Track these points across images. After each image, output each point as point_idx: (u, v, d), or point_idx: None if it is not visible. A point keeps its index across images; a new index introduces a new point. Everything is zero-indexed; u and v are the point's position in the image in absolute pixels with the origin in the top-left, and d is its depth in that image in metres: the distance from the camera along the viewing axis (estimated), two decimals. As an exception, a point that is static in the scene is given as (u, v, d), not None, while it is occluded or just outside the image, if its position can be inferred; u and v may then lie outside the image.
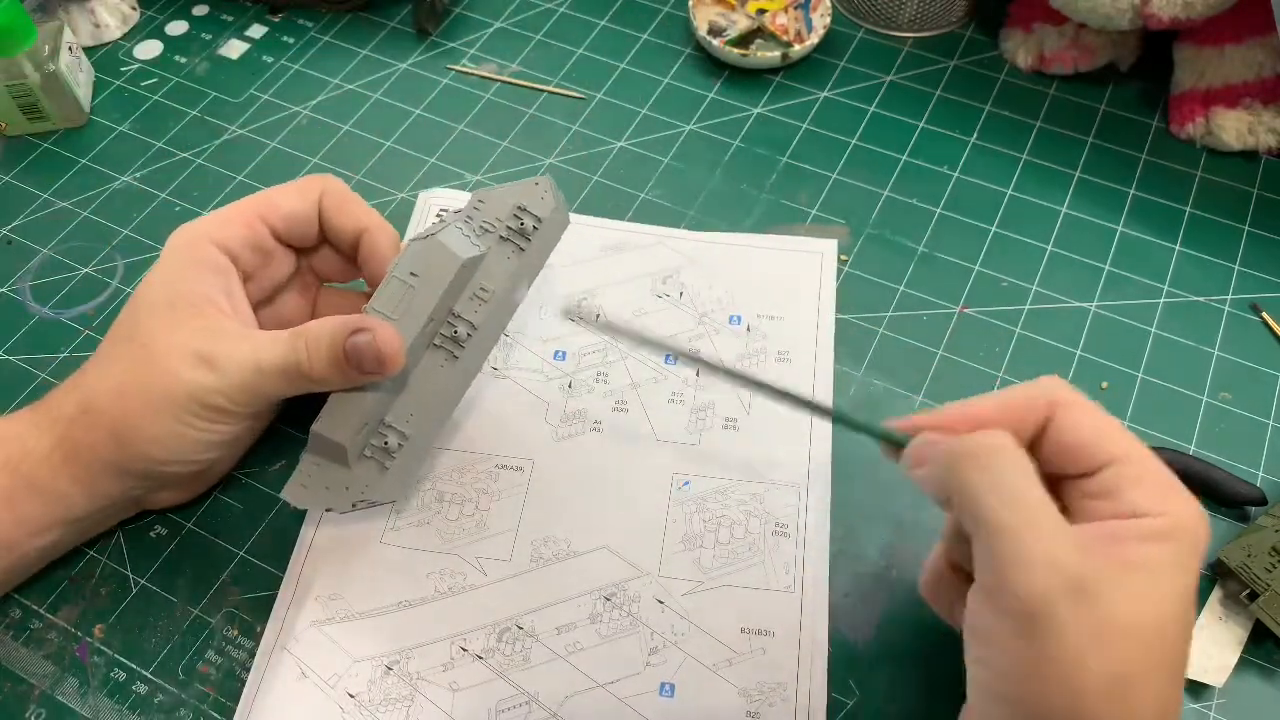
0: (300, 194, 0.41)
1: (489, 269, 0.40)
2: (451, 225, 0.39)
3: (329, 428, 0.38)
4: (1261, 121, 0.53)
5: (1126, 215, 0.53)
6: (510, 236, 0.40)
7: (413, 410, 0.39)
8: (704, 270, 0.50)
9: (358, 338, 0.36)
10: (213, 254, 0.38)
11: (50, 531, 0.38)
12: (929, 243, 0.52)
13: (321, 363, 0.36)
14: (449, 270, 0.38)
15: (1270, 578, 0.38)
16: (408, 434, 0.39)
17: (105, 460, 0.37)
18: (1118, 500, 0.29)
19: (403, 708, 0.38)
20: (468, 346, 0.39)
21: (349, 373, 0.36)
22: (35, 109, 0.56)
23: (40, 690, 0.39)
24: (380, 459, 0.39)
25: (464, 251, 0.38)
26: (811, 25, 0.60)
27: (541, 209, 0.40)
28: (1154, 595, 0.27)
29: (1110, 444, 0.30)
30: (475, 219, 0.40)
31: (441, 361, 0.39)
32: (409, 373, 0.39)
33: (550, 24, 0.63)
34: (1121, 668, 0.26)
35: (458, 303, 0.39)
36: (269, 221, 0.40)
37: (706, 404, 0.45)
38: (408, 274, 0.38)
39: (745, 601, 0.40)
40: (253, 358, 0.36)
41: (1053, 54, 0.58)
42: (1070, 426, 0.31)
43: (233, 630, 0.40)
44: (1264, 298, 0.49)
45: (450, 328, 0.39)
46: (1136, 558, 0.28)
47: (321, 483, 0.39)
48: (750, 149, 0.56)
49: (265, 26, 0.63)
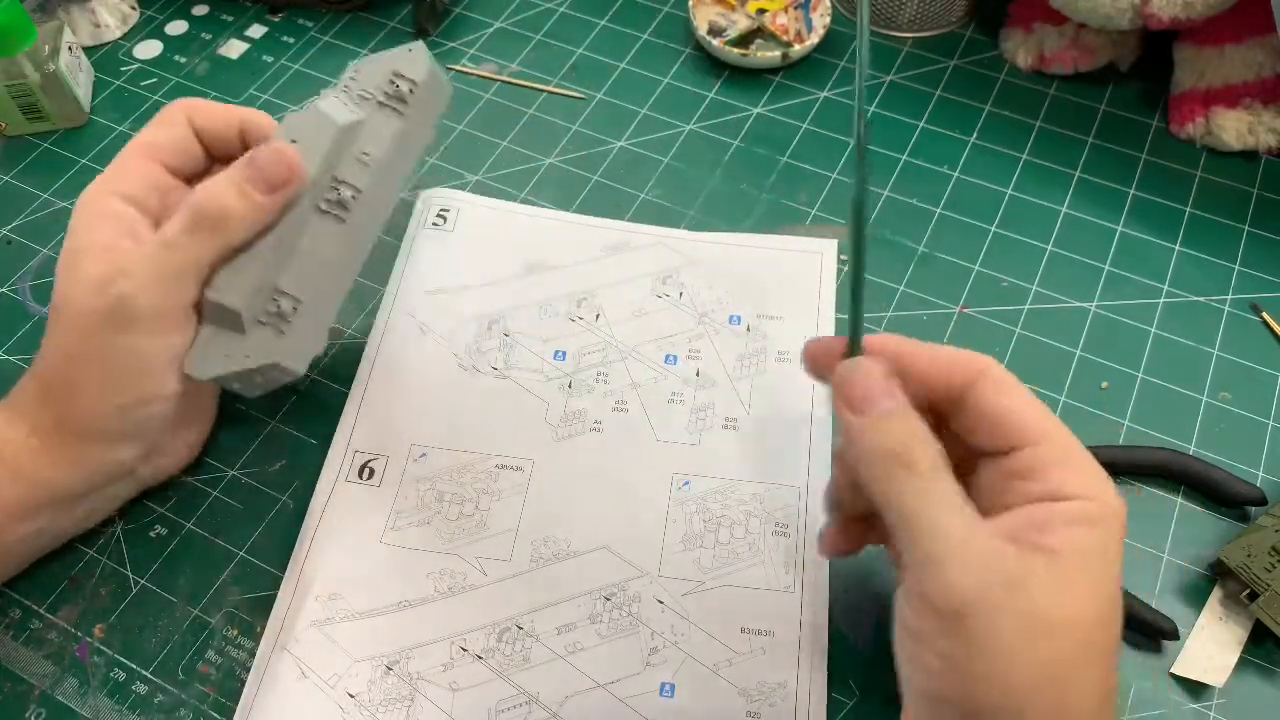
0: (170, 123, 0.40)
1: (370, 134, 0.40)
2: (328, 95, 0.40)
3: (221, 293, 0.38)
4: (1261, 121, 0.53)
5: (1126, 215, 0.53)
6: (388, 101, 0.41)
7: (305, 275, 0.39)
8: (704, 270, 0.50)
9: (257, 154, 0.36)
10: (113, 204, 0.38)
11: (39, 515, 0.38)
12: (929, 243, 0.52)
13: (226, 195, 0.36)
14: (327, 135, 0.39)
15: (1270, 578, 0.38)
16: (301, 298, 0.39)
17: (76, 430, 0.37)
18: (1041, 481, 0.29)
19: (403, 708, 0.38)
20: (353, 209, 0.40)
21: (255, 197, 0.36)
22: (35, 109, 0.56)
23: (40, 690, 0.39)
24: (276, 324, 0.39)
25: (341, 117, 0.39)
26: (811, 25, 0.60)
27: (416, 73, 0.41)
28: (1083, 582, 0.27)
29: (1031, 424, 0.30)
30: (352, 89, 0.41)
31: (329, 226, 0.39)
32: (297, 238, 0.39)
33: (550, 24, 0.63)
34: (1054, 659, 0.26)
35: (340, 168, 0.40)
36: (158, 159, 0.40)
37: (706, 404, 0.45)
38: (289, 140, 0.38)
39: (745, 601, 0.40)
40: (156, 243, 0.36)
41: (1053, 54, 0.58)
42: (992, 402, 0.31)
43: (233, 630, 0.40)
44: (1264, 298, 0.49)
45: (334, 191, 0.39)
46: (1063, 544, 0.27)
47: (220, 350, 0.38)
48: (750, 149, 0.56)
49: (265, 26, 0.63)
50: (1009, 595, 0.26)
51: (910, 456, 0.29)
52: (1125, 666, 0.39)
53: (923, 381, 0.32)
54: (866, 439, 0.30)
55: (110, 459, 0.39)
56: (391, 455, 0.44)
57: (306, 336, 0.40)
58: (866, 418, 0.30)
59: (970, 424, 0.31)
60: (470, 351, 0.47)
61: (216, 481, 0.44)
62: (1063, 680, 0.26)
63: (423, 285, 0.49)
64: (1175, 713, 0.38)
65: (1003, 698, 0.26)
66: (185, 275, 0.37)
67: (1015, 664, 0.26)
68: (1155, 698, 0.39)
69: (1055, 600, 0.27)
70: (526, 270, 0.49)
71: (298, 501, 0.43)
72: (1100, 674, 0.27)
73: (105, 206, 0.38)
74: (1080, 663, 0.27)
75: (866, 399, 0.31)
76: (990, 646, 0.26)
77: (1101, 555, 0.28)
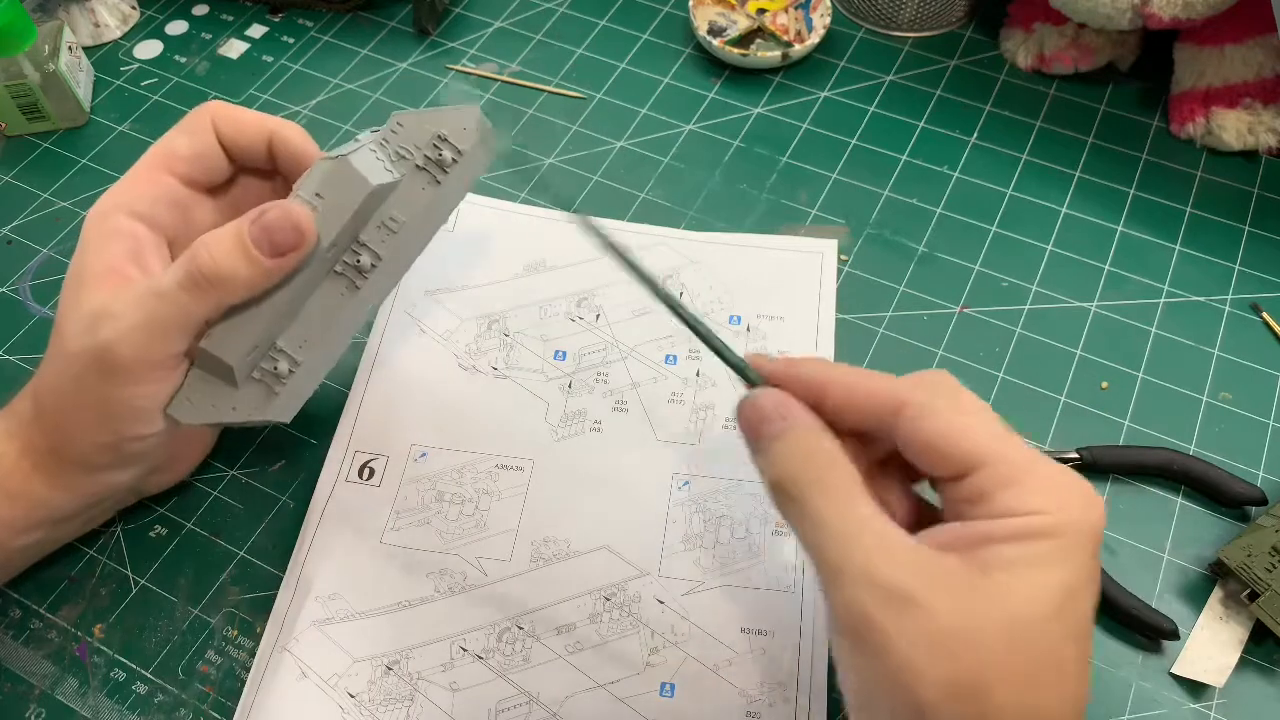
0: (193, 130, 0.38)
1: (401, 198, 0.37)
2: (365, 147, 0.37)
3: (218, 345, 0.35)
4: (1261, 121, 0.53)
5: (1126, 215, 0.53)
6: (427, 166, 0.37)
7: (306, 336, 0.37)
8: (704, 270, 0.50)
9: (266, 215, 0.33)
10: (121, 222, 0.36)
11: (34, 531, 0.38)
12: (929, 243, 0.52)
13: (228, 256, 0.33)
14: (357, 195, 0.36)
15: (1270, 578, 0.38)
16: (299, 360, 0.37)
17: (66, 460, 0.36)
18: (989, 504, 0.28)
19: (403, 708, 0.38)
20: (370, 277, 0.37)
21: (260, 261, 0.33)
22: (35, 109, 0.56)
23: (40, 690, 0.39)
24: (270, 383, 0.37)
25: (375, 177, 0.36)
26: (811, 25, 0.60)
27: (463, 141, 0.38)
28: (1006, 595, 0.26)
29: (966, 448, 0.28)
30: (392, 142, 0.37)
31: (341, 290, 0.37)
32: (305, 298, 0.37)
33: (550, 24, 0.63)
34: (965, 674, 0.25)
35: (364, 230, 0.37)
36: (174, 171, 0.38)
37: (706, 404, 0.45)
38: (313, 194, 0.35)
39: (745, 601, 0.40)
40: (149, 289, 0.34)
41: (1053, 54, 0.58)
42: (916, 431, 0.29)
43: (233, 630, 0.40)
44: (1264, 298, 0.49)
45: (354, 255, 0.37)
46: (993, 558, 0.26)
47: (208, 400, 0.36)
48: (750, 149, 0.56)
49: (265, 26, 0.63)
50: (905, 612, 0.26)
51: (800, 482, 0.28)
52: (1125, 666, 0.39)
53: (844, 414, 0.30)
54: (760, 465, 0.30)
55: (104, 484, 0.38)
56: (391, 455, 0.44)
57: (298, 391, 0.38)
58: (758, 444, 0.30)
59: (910, 453, 0.30)
60: (470, 351, 0.47)
61: (216, 481, 0.44)
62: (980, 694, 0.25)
63: (423, 285, 0.49)
64: (1175, 713, 0.38)
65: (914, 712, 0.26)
66: (174, 329, 0.34)
67: (921, 679, 0.25)
68: (1155, 698, 0.39)
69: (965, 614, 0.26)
70: (526, 270, 0.49)
71: (298, 501, 0.43)
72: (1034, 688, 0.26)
73: (114, 223, 0.36)
74: (1001, 677, 0.26)
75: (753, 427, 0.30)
76: (892, 663, 0.26)
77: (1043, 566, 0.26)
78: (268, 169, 0.40)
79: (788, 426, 0.30)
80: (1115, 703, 0.38)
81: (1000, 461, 0.28)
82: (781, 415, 0.30)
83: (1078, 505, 0.27)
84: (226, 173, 0.39)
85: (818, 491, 0.28)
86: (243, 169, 0.40)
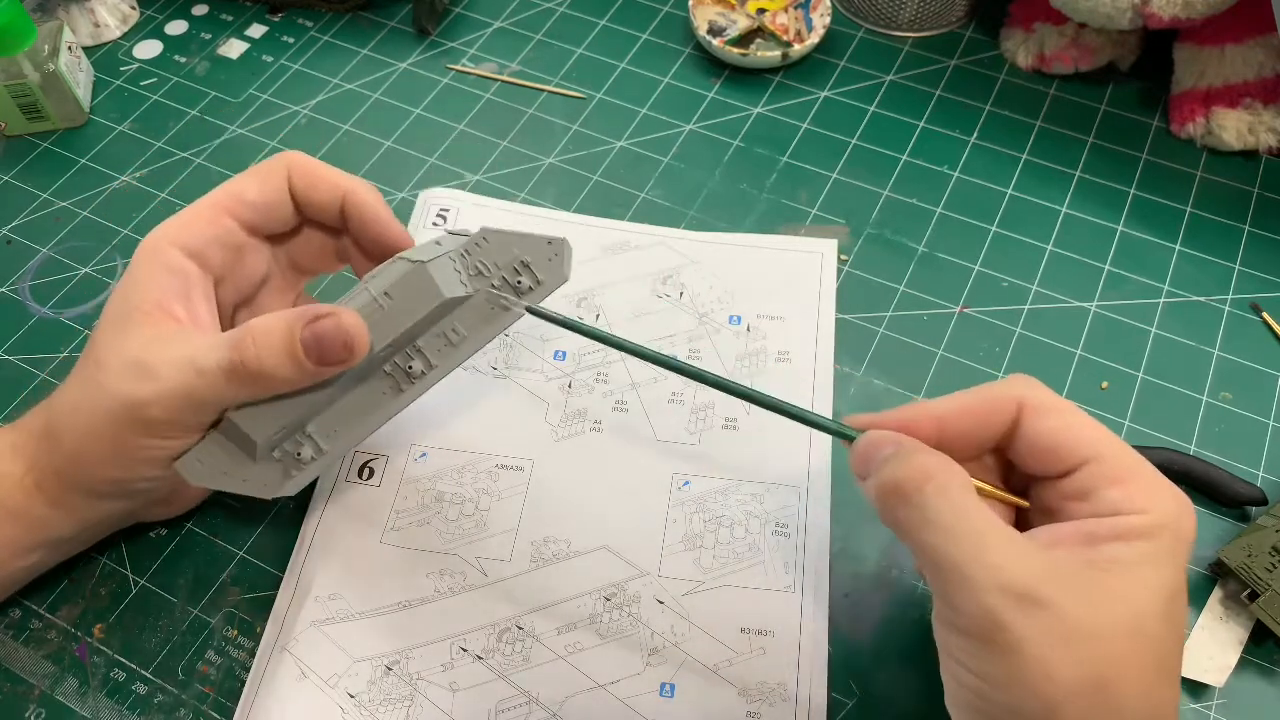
0: (266, 178, 0.38)
1: (469, 314, 0.36)
2: (445, 255, 0.36)
3: (247, 422, 0.35)
4: (1261, 121, 0.53)
5: (1126, 215, 0.53)
6: (502, 289, 0.37)
7: (337, 426, 0.36)
8: (704, 270, 0.50)
9: (320, 323, 0.33)
10: (173, 258, 0.36)
11: (33, 553, 0.38)
12: (929, 243, 0.52)
13: (274, 355, 0.33)
14: (427, 304, 0.35)
15: (1270, 578, 0.38)
16: (324, 449, 0.36)
17: (71, 483, 0.36)
18: (1095, 500, 0.29)
19: (403, 708, 0.38)
20: (417, 383, 0.37)
21: (305, 366, 0.33)
22: (35, 109, 0.56)
23: (40, 690, 0.39)
24: (288, 465, 0.36)
25: (449, 290, 0.35)
26: (811, 25, 0.60)
27: (546, 273, 0.37)
28: (1126, 593, 0.27)
29: (1083, 444, 0.30)
30: (474, 255, 0.36)
31: (384, 389, 0.37)
32: (347, 392, 0.36)
33: (550, 24, 0.63)
34: (1094, 670, 0.26)
35: (424, 337, 0.36)
36: (236, 215, 0.37)
37: (706, 404, 0.45)
38: (382, 292, 0.35)
39: (745, 601, 0.40)
40: (190, 360, 0.33)
41: (1053, 54, 0.58)
42: (1039, 429, 0.30)
43: (233, 630, 0.40)
44: (1264, 298, 0.49)
45: (407, 359, 0.36)
46: (1107, 557, 0.27)
47: (220, 467, 0.36)
48: (750, 149, 0.56)
49: (265, 26, 0.63)
50: (1034, 612, 0.26)
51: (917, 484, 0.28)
52: (1125, 666, 0.39)
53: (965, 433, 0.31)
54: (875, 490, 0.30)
55: (103, 510, 0.38)
56: (391, 455, 0.44)
57: (311, 475, 0.37)
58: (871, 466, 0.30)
59: (1024, 455, 0.31)
60: (470, 351, 0.47)
61: (216, 481, 0.44)
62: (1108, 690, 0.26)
63: (423, 285, 0.49)
64: (1175, 713, 0.38)
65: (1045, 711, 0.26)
66: (209, 407, 0.35)
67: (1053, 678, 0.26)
68: (1155, 698, 0.39)
69: (1092, 612, 0.26)
70: (526, 270, 0.49)
71: (298, 501, 0.43)
72: (1154, 684, 0.27)
73: (166, 259, 0.36)
74: (1127, 673, 0.26)
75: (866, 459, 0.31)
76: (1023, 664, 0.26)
77: (1151, 565, 0.27)
78: (335, 226, 0.39)
79: (900, 446, 0.30)
80: (1115, 703, 0.38)
81: (1110, 458, 0.29)
82: (894, 441, 0.30)
83: (1177, 509, 0.28)
84: (292, 224, 0.39)
85: (937, 491, 0.28)
86: (308, 221, 0.40)
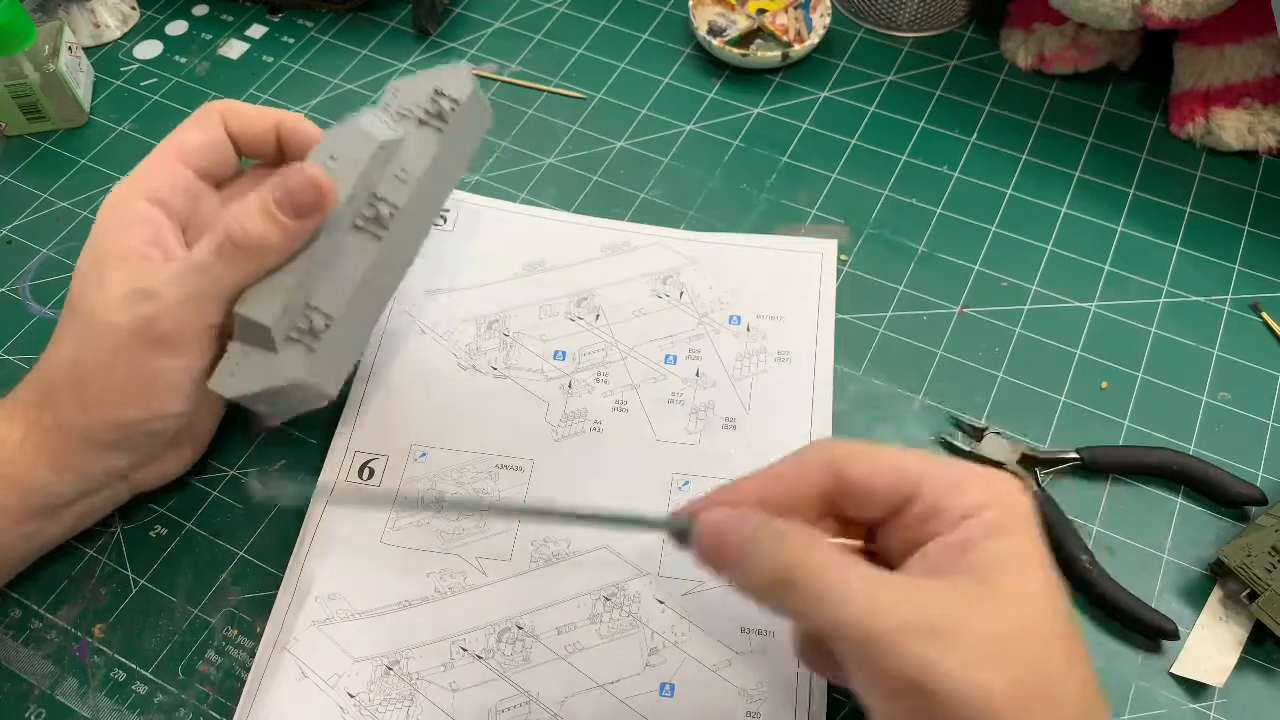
0: (203, 124, 0.40)
1: (409, 152, 0.40)
2: (367, 112, 0.39)
3: (252, 309, 0.37)
4: (1261, 121, 0.53)
5: (1126, 215, 0.53)
6: (428, 120, 0.40)
7: (338, 292, 0.38)
8: (704, 270, 0.50)
9: (288, 180, 0.36)
10: (138, 208, 0.38)
11: (30, 521, 0.38)
12: (929, 243, 0.52)
13: (255, 221, 0.36)
14: (365, 151, 0.38)
15: (1270, 578, 0.38)
16: (333, 314, 0.38)
17: (76, 435, 0.37)
18: (946, 514, 0.29)
19: (403, 708, 0.38)
20: (390, 227, 0.39)
21: (285, 223, 0.36)
22: (35, 109, 0.56)
23: (40, 690, 0.39)
24: (307, 341, 0.38)
25: (380, 134, 0.39)
26: (811, 25, 0.60)
27: (459, 91, 0.40)
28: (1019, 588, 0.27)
29: (905, 470, 0.30)
30: (392, 105, 0.40)
31: (365, 244, 0.39)
32: (332, 255, 0.39)
33: (550, 24, 0.63)
34: (1022, 670, 0.26)
35: (379, 186, 0.39)
36: (187, 162, 0.39)
37: (706, 404, 0.45)
38: (327, 158, 0.38)
39: (745, 601, 0.40)
40: (185, 264, 0.36)
41: (1053, 54, 0.58)
42: (863, 471, 0.30)
43: (233, 630, 0.40)
44: (1264, 298, 0.49)
45: (372, 209, 0.39)
46: (986, 560, 0.27)
47: (250, 371, 0.38)
48: (750, 149, 0.56)
49: (265, 26, 0.63)
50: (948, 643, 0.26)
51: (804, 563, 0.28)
52: (1125, 666, 0.39)
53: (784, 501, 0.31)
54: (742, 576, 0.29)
55: (103, 467, 0.38)
56: (391, 455, 0.44)
57: (338, 357, 0.39)
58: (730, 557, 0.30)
59: (856, 503, 0.31)
60: (470, 351, 0.47)
61: (216, 481, 0.44)
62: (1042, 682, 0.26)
63: (423, 285, 0.49)
64: (1175, 713, 0.38)
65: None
66: (211, 299, 0.36)
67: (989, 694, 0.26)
68: (1155, 698, 0.39)
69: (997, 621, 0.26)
70: (526, 270, 0.49)
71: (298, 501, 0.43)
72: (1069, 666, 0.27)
73: (134, 209, 0.38)
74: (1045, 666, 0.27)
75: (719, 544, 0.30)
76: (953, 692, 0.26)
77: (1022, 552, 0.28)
78: (274, 162, 0.42)
79: (754, 526, 0.29)
80: (1115, 703, 0.38)
81: (937, 474, 0.30)
82: (741, 520, 0.30)
83: (1013, 492, 0.29)
84: (234, 166, 0.41)
85: (826, 568, 0.28)
86: None
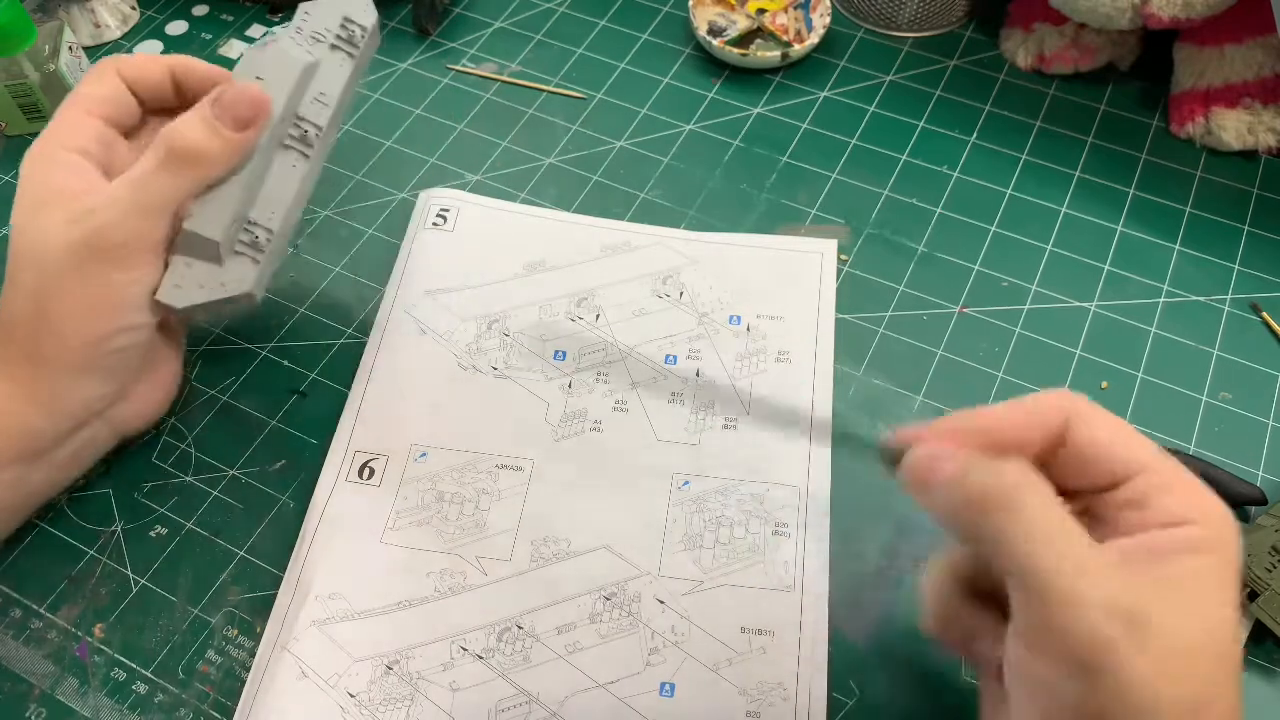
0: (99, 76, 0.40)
1: (325, 75, 0.42)
2: (283, 35, 0.41)
3: (201, 225, 0.39)
4: (1261, 121, 0.53)
5: (1126, 215, 0.53)
6: (340, 45, 0.42)
7: (273, 207, 0.41)
8: (704, 270, 0.50)
9: (224, 94, 0.38)
10: (62, 156, 0.38)
11: (13, 465, 0.38)
12: (929, 243, 0.52)
13: (197, 131, 0.37)
14: (291, 74, 0.40)
15: (1270, 578, 0.38)
16: (272, 229, 0.40)
17: (45, 364, 0.37)
18: (1149, 509, 0.28)
19: (403, 708, 0.38)
20: (315, 146, 0.41)
21: (226, 134, 0.37)
22: (35, 109, 0.56)
23: (40, 690, 0.39)
24: (251, 254, 0.40)
25: (303, 58, 0.41)
26: (811, 25, 0.60)
27: (366, 19, 0.43)
28: (1203, 610, 0.27)
29: (1134, 452, 0.29)
30: (305, 30, 0.42)
31: (294, 161, 0.41)
32: (266, 171, 0.41)
33: (550, 24, 0.63)
34: (1194, 690, 0.26)
35: (301, 106, 0.41)
36: (94, 113, 0.40)
37: (706, 404, 0.45)
38: (253, 78, 0.40)
39: (745, 601, 0.40)
40: (125, 180, 0.37)
41: (1053, 54, 0.58)
42: (1090, 440, 0.30)
43: (233, 630, 0.40)
44: (1264, 298, 0.49)
45: (298, 129, 0.41)
46: (1177, 571, 0.27)
47: (195, 282, 0.39)
48: (750, 149, 0.56)
49: (265, 26, 0.63)
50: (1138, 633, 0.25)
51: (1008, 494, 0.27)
52: (1125, 666, 0.39)
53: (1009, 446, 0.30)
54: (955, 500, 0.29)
55: (79, 396, 0.38)
56: (391, 455, 0.44)
57: (270, 268, 0.41)
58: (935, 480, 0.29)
59: (1071, 467, 0.30)
60: (470, 351, 0.47)
61: (216, 481, 0.44)
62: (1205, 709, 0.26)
63: (423, 285, 0.49)
64: (1175, 713, 0.38)
65: None
66: (157, 211, 0.37)
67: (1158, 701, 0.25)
68: (1155, 698, 0.39)
69: (1183, 629, 0.26)
70: (526, 270, 0.49)
71: (298, 501, 0.43)
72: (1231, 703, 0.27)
73: (58, 158, 0.38)
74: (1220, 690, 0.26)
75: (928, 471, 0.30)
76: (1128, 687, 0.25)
77: (1219, 577, 0.27)
78: (175, 106, 0.42)
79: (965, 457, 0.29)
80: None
81: (1159, 468, 0.29)
82: (953, 454, 0.29)
83: (1225, 519, 0.28)
84: (137, 115, 0.42)
85: (1031, 493, 0.27)
86: (151, 111, 0.42)
